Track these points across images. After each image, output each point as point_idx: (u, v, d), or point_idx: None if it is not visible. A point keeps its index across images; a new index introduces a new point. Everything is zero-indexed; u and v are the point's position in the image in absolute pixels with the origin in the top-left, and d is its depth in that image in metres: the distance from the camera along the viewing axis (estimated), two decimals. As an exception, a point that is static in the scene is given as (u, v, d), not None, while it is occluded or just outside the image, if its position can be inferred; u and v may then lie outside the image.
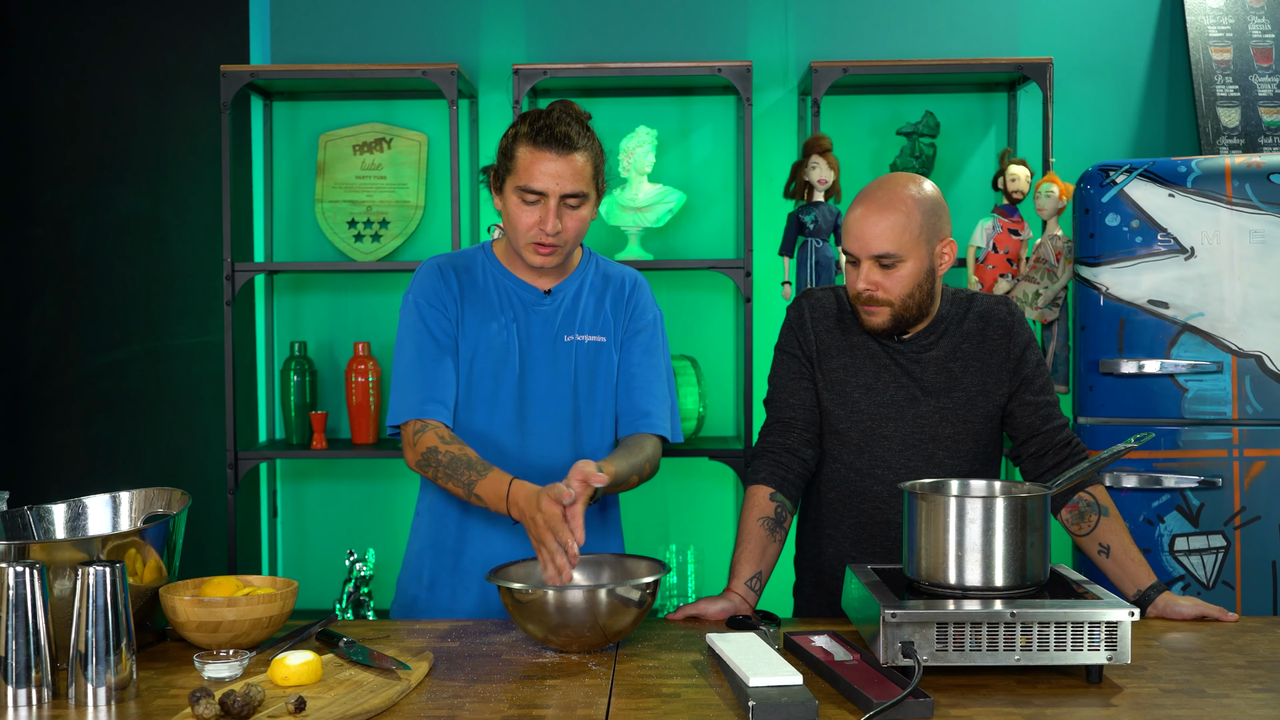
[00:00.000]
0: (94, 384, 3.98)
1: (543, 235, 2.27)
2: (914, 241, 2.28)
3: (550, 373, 2.37)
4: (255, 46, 3.96)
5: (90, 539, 1.93)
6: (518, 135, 2.29)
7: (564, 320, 2.39)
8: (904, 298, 2.30)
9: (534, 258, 2.31)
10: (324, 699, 1.73)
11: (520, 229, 2.29)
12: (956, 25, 3.94)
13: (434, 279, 2.37)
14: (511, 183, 2.28)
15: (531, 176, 2.25)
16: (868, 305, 2.33)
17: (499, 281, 2.39)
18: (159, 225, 3.98)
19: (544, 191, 2.25)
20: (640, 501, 3.99)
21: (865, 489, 2.39)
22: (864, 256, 2.30)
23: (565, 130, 2.27)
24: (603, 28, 3.96)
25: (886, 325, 2.34)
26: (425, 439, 2.27)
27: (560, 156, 2.24)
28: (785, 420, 2.41)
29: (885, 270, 2.29)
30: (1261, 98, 3.76)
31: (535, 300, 2.38)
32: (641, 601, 2.00)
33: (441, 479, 2.25)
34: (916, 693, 1.71)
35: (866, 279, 2.30)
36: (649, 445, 2.37)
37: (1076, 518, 2.33)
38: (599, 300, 2.43)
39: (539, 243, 2.29)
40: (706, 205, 3.95)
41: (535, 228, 2.27)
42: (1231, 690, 1.81)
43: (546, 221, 2.26)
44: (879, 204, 2.29)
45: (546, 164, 2.24)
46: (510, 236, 2.33)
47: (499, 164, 2.33)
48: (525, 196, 2.26)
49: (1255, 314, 3.20)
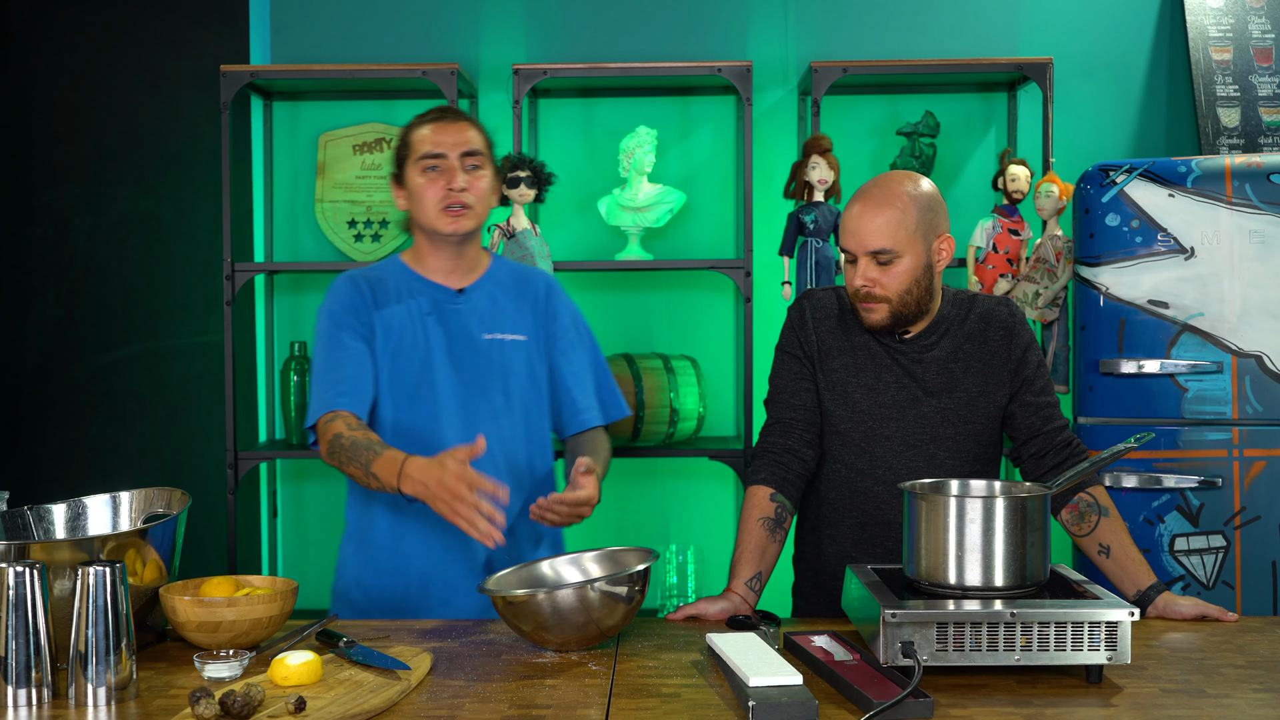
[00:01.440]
0: (94, 384, 3.98)
1: (451, 195, 2.38)
2: (910, 237, 2.29)
3: (471, 370, 2.44)
4: (255, 46, 3.96)
5: (90, 539, 1.93)
6: (410, 126, 2.45)
7: (481, 319, 2.46)
8: (902, 294, 2.31)
9: (447, 224, 2.40)
10: (324, 699, 1.73)
11: (428, 199, 2.40)
12: (956, 25, 3.94)
13: (346, 289, 2.44)
14: (412, 161, 2.41)
15: (431, 144, 2.39)
16: (865, 302, 2.33)
17: (411, 285, 2.46)
18: (159, 225, 3.98)
19: (443, 153, 2.39)
20: (640, 501, 3.99)
21: (865, 489, 2.39)
22: (860, 253, 2.30)
23: (457, 110, 2.47)
24: (603, 28, 3.96)
25: (885, 322, 2.34)
26: (333, 427, 2.31)
27: (453, 123, 2.42)
28: (786, 421, 2.41)
29: (882, 267, 2.29)
30: (1261, 98, 3.76)
31: (449, 299, 2.45)
32: (631, 594, 2.00)
33: (344, 463, 2.28)
34: (916, 693, 1.71)
35: (864, 275, 2.31)
36: (602, 438, 2.52)
37: (1076, 518, 2.33)
38: (516, 300, 2.50)
39: (449, 204, 2.39)
40: (706, 205, 3.95)
41: (442, 190, 2.38)
42: (1231, 690, 1.81)
43: (453, 179, 2.38)
44: (874, 201, 2.30)
45: (442, 133, 2.40)
46: (419, 216, 2.42)
47: (395, 162, 2.45)
48: (426, 164, 2.39)
49: (1255, 314, 3.20)
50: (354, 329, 2.40)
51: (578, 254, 3.93)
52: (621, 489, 3.99)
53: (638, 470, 3.98)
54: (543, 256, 3.49)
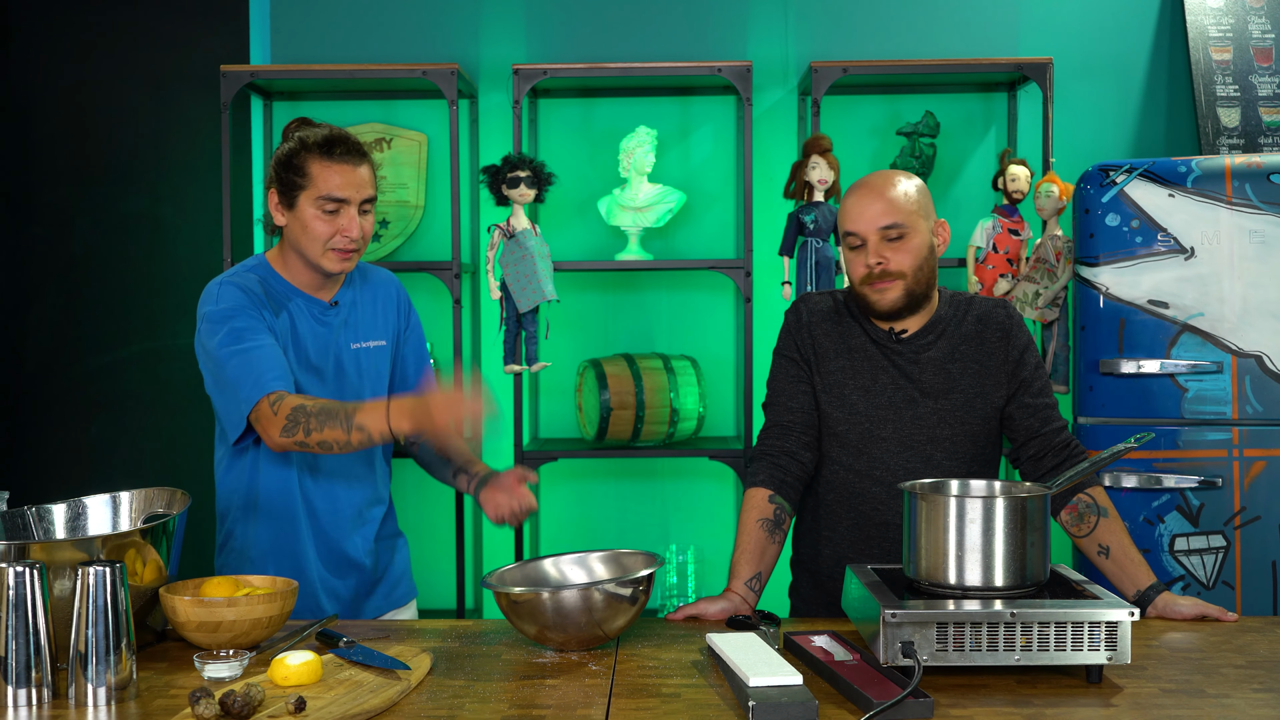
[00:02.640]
0: (94, 384, 3.98)
1: (346, 241, 2.35)
2: (916, 213, 2.33)
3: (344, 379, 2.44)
4: (255, 46, 3.96)
5: (90, 539, 1.93)
6: (303, 150, 2.37)
7: (348, 329, 2.46)
8: (914, 270, 2.32)
9: (335, 264, 2.38)
10: (324, 699, 1.73)
11: (320, 238, 2.35)
12: (956, 25, 3.94)
13: (233, 291, 2.35)
14: (309, 195, 2.35)
15: (333, 186, 2.34)
16: (879, 282, 2.33)
17: (287, 297, 2.42)
18: (159, 225, 3.98)
19: (346, 199, 2.35)
20: (640, 501, 3.99)
21: (863, 490, 2.39)
22: (870, 232, 2.32)
23: (356, 142, 2.39)
24: (603, 28, 3.96)
25: (900, 302, 2.34)
26: (287, 402, 2.25)
27: (357, 166, 2.37)
28: (784, 424, 2.42)
29: (893, 244, 2.31)
30: (1261, 98, 3.76)
31: (322, 311, 2.44)
32: (635, 597, 2.00)
33: (315, 429, 2.22)
34: (916, 693, 1.71)
35: (876, 254, 2.32)
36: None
37: (1076, 519, 2.33)
38: (372, 304, 2.51)
39: (342, 249, 2.36)
40: (706, 205, 3.95)
41: (338, 234, 2.35)
42: (1231, 690, 1.81)
43: (351, 228, 2.35)
44: (874, 185, 2.35)
45: (347, 174, 2.35)
46: (304, 247, 2.37)
47: (280, 178, 2.38)
48: (325, 206, 2.34)
49: (1255, 314, 3.20)
50: (257, 327, 2.32)
51: (578, 254, 3.93)
52: (621, 489, 4.00)
53: (638, 470, 3.98)
54: (543, 256, 3.49)
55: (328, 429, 2.22)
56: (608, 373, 3.62)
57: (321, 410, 2.23)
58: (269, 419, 2.25)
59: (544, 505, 3.99)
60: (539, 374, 3.93)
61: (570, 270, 3.70)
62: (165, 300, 3.97)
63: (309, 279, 2.42)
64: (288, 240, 2.41)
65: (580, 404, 3.69)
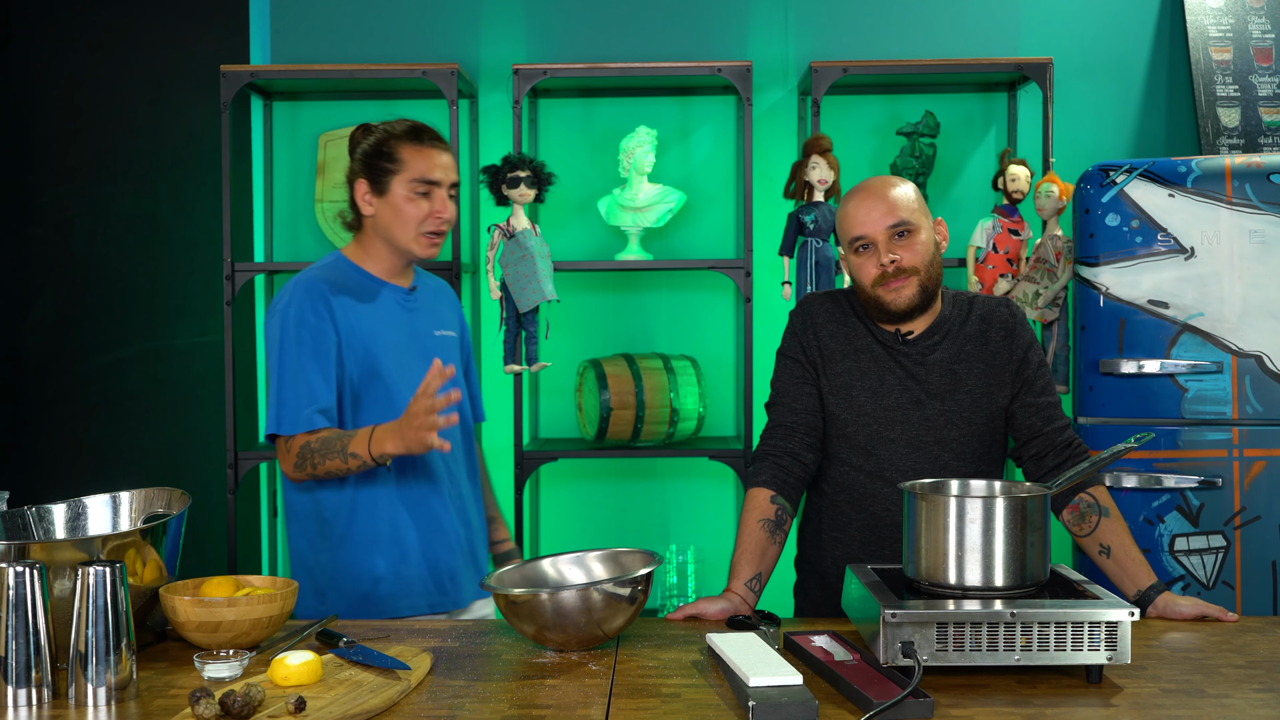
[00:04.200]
0: (94, 384, 3.98)
1: (438, 223, 2.47)
2: (919, 211, 2.35)
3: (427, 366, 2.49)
4: (255, 46, 3.96)
5: (90, 539, 1.93)
6: (391, 139, 2.46)
7: (430, 316, 2.57)
8: (927, 265, 2.34)
9: (425, 249, 2.48)
10: (324, 699, 1.73)
11: (413, 221, 2.45)
12: (956, 25, 3.94)
13: (312, 294, 2.43)
14: (402, 179, 2.45)
15: (425, 169, 2.45)
16: (894, 281, 2.33)
17: (368, 286, 2.50)
18: (159, 225, 3.98)
19: (438, 181, 2.46)
20: (640, 501, 3.99)
21: (873, 491, 2.39)
22: (879, 233, 2.33)
23: (435, 130, 2.52)
24: (603, 28, 3.96)
25: (915, 299, 2.35)
26: (295, 441, 2.36)
27: (445, 152, 2.49)
28: (787, 424, 2.42)
29: (903, 240, 2.33)
30: (1261, 98, 3.76)
31: (405, 297, 2.53)
32: (634, 597, 2.00)
33: (319, 464, 2.34)
34: (916, 693, 1.71)
35: (889, 251, 2.33)
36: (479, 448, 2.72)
37: (1077, 519, 2.33)
38: (437, 297, 2.63)
39: (433, 231, 2.46)
40: (706, 205, 3.95)
41: (430, 217, 2.46)
42: (1231, 690, 1.81)
43: (444, 209, 2.46)
44: (874, 188, 2.37)
45: (437, 158, 2.47)
46: (395, 232, 2.46)
47: (370, 166, 2.46)
48: (418, 188, 2.44)
49: (1255, 314, 3.20)
50: (322, 337, 2.40)
51: (578, 254, 3.93)
52: (621, 489, 4.00)
53: (638, 470, 3.98)
54: (543, 256, 3.49)
55: (329, 460, 2.34)
56: (608, 373, 3.62)
57: (322, 444, 2.34)
58: (283, 455, 2.40)
59: (544, 505, 3.99)
60: (539, 374, 3.93)
61: (570, 270, 3.70)
62: (165, 300, 3.97)
63: (391, 266, 2.51)
64: (375, 229, 2.49)
65: (580, 404, 3.69)
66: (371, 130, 2.50)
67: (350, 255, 2.53)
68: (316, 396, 2.37)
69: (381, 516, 2.44)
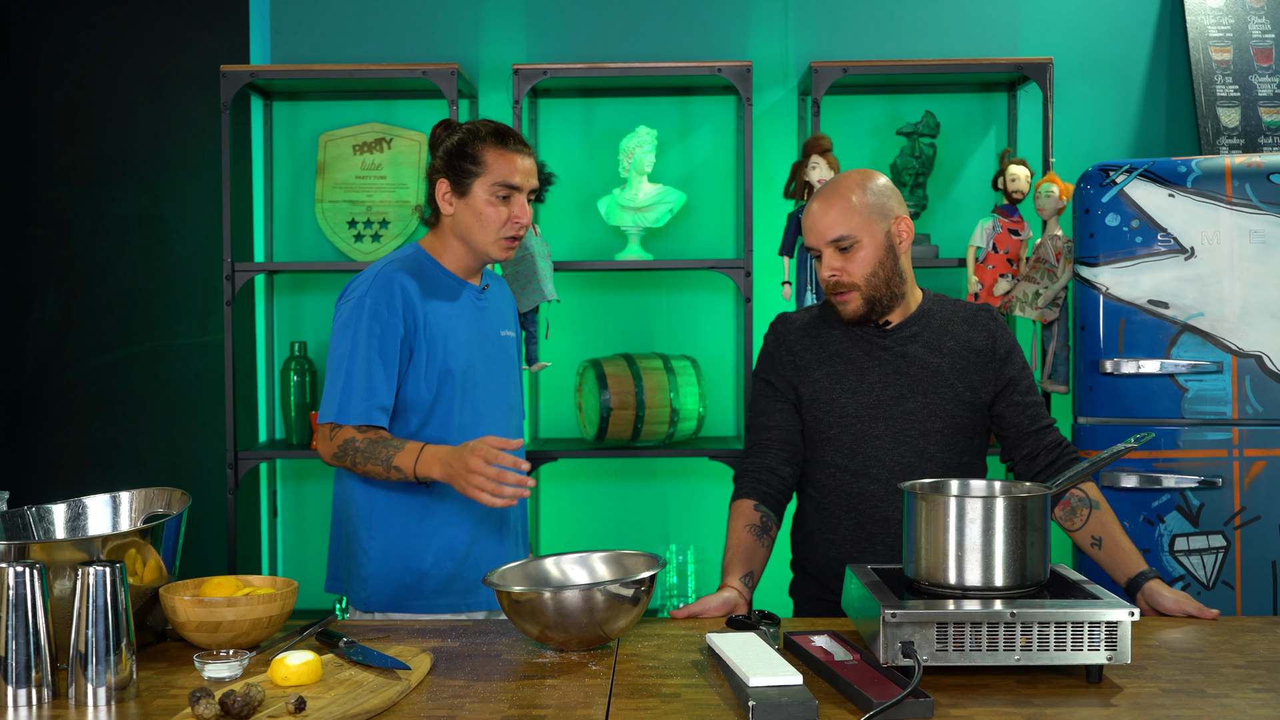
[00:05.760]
0: (94, 384, 3.98)
1: (517, 228, 2.48)
2: (864, 222, 2.37)
3: (497, 364, 2.57)
4: (255, 46, 3.96)
5: (90, 539, 1.93)
6: (476, 140, 2.46)
7: (497, 316, 2.60)
8: (868, 278, 2.38)
9: (501, 252, 2.49)
10: (324, 699, 1.73)
11: (493, 224, 2.46)
12: (956, 25, 3.94)
13: (390, 288, 2.43)
14: (484, 181, 2.45)
15: (508, 173, 2.46)
16: (837, 294, 2.40)
17: (445, 282, 2.52)
18: (159, 225, 3.98)
19: (520, 186, 2.47)
20: (640, 501, 3.99)
21: (861, 489, 2.42)
22: (821, 245, 2.39)
23: (521, 135, 2.54)
24: (603, 28, 3.96)
25: (860, 310, 2.41)
26: (342, 433, 2.38)
27: (528, 156, 2.50)
28: (763, 443, 2.48)
29: (844, 254, 2.38)
30: (1261, 98, 3.76)
31: (478, 296, 2.56)
32: (637, 598, 2.00)
33: (359, 462, 2.36)
34: (916, 693, 1.71)
35: (829, 266, 2.39)
36: None
37: (1069, 514, 2.40)
38: (501, 297, 2.67)
39: (513, 235, 2.48)
40: (706, 205, 3.95)
41: (510, 221, 2.48)
42: (1231, 690, 1.81)
43: (523, 215, 2.48)
44: (826, 196, 2.41)
45: (520, 162, 2.48)
46: (473, 234, 2.48)
47: (453, 166, 2.46)
48: (499, 192, 2.46)
49: (1255, 314, 3.20)
50: (392, 332, 2.41)
51: (578, 254, 3.93)
52: (621, 489, 4.00)
53: (638, 470, 3.98)
54: (543, 256, 3.48)
55: (371, 465, 2.36)
56: (608, 373, 3.62)
57: (368, 446, 2.35)
58: (325, 441, 2.42)
59: (544, 505, 3.99)
60: (539, 374, 3.93)
61: (570, 270, 3.70)
62: (165, 300, 3.97)
63: (466, 264, 2.53)
64: (453, 229, 2.50)
65: (580, 404, 3.69)
66: (454, 128, 2.50)
67: (429, 249, 2.54)
68: (378, 393, 2.39)
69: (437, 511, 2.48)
